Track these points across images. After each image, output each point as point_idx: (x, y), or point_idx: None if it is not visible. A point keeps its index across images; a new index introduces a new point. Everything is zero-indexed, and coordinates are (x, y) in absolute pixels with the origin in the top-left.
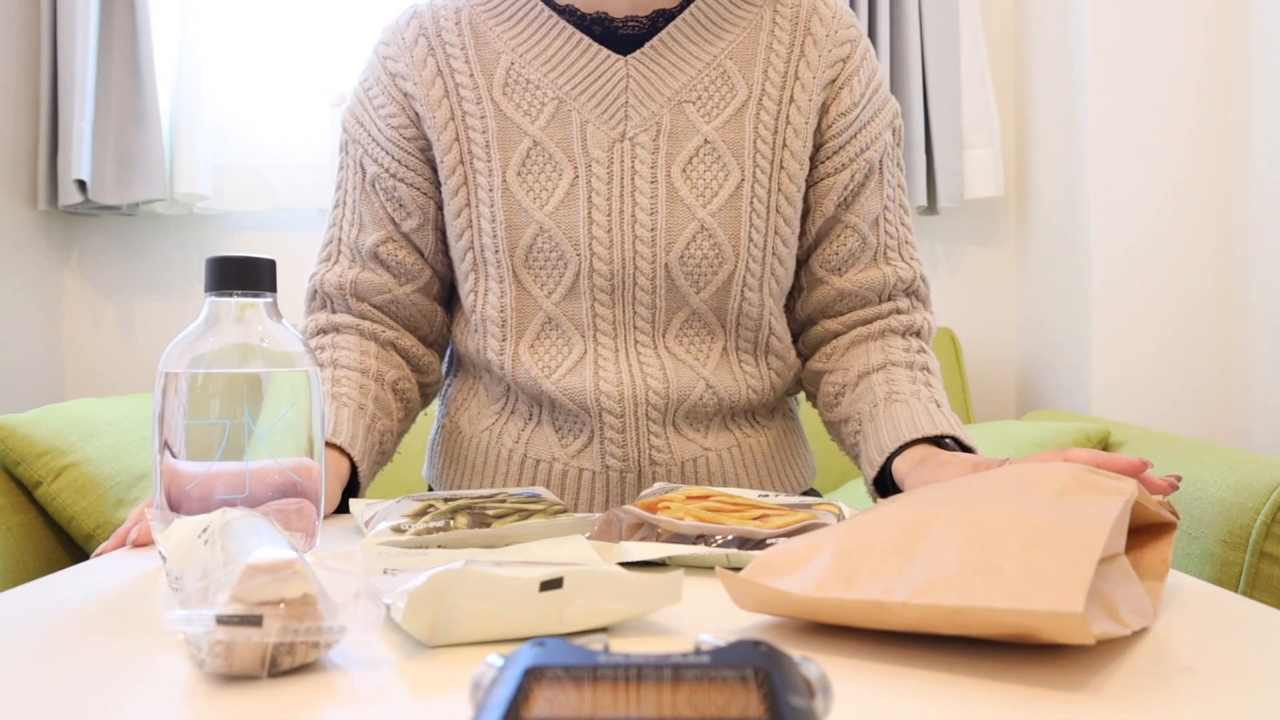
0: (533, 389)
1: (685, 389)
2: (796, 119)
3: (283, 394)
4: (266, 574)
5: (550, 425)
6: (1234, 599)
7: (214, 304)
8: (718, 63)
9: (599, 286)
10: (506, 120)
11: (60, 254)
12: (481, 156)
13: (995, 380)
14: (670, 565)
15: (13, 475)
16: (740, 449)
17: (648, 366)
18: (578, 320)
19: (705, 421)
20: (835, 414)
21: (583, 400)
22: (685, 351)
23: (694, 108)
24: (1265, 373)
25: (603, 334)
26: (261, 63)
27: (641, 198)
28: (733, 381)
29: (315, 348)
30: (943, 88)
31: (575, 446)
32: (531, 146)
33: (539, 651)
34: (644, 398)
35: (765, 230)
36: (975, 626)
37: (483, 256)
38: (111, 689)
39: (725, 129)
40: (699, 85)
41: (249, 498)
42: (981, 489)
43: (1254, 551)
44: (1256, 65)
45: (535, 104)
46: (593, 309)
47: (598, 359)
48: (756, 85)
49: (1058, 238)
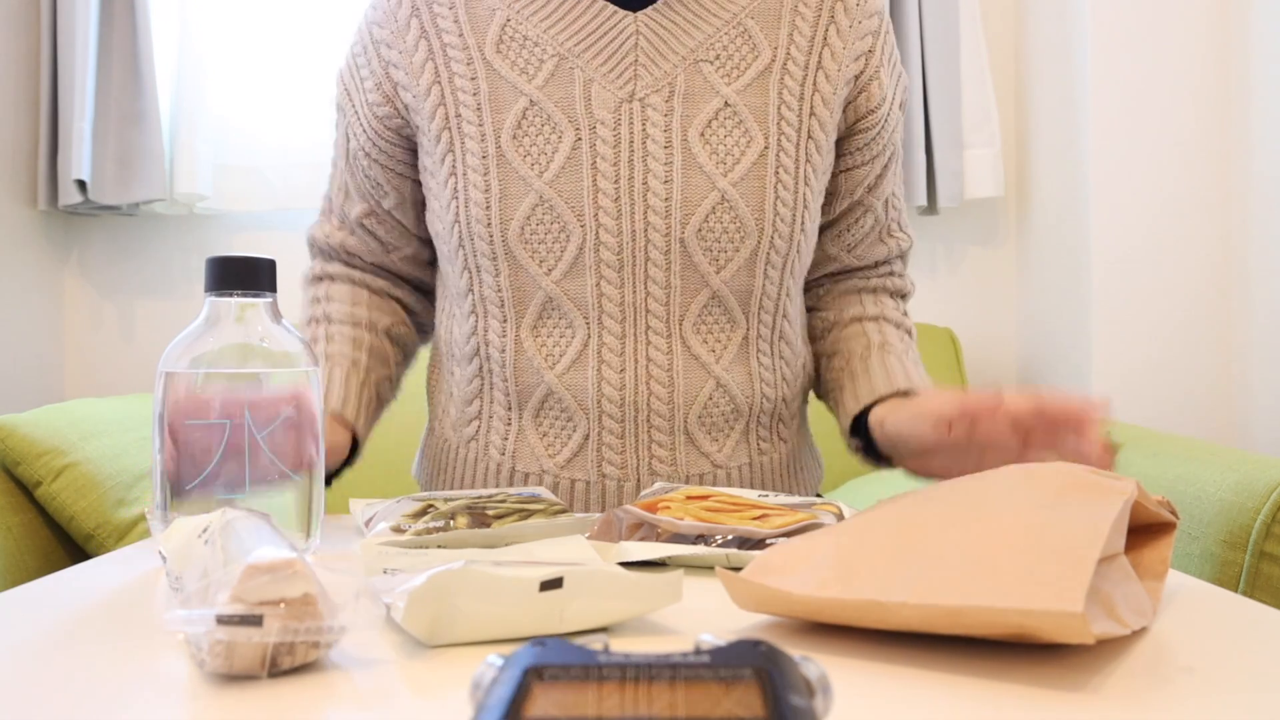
0: (533, 380)
1: (692, 391)
2: (825, 87)
3: (283, 394)
4: (266, 574)
5: (534, 430)
6: (1234, 599)
7: (214, 304)
8: (738, 21)
9: (605, 262)
10: (499, 79)
11: (60, 254)
12: (472, 120)
13: (995, 380)
14: (670, 565)
15: (13, 475)
16: (752, 467)
17: (655, 365)
18: (581, 301)
19: (724, 430)
20: (819, 346)
21: (584, 399)
22: (702, 343)
23: (712, 67)
24: (1265, 373)
25: (609, 316)
26: (261, 63)
27: (655, 164)
28: (746, 378)
29: (312, 298)
30: (943, 88)
31: (565, 454)
32: (528, 106)
33: (539, 651)
34: (645, 402)
35: (793, 204)
36: (975, 626)
37: (469, 230)
38: (111, 689)
39: (747, 92)
40: (717, 44)
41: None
42: (981, 489)
43: (1254, 551)
44: (1256, 65)
45: (533, 61)
46: (599, 288)
47: (601, 349)
48: (781, 48)
49: (1058, 238)
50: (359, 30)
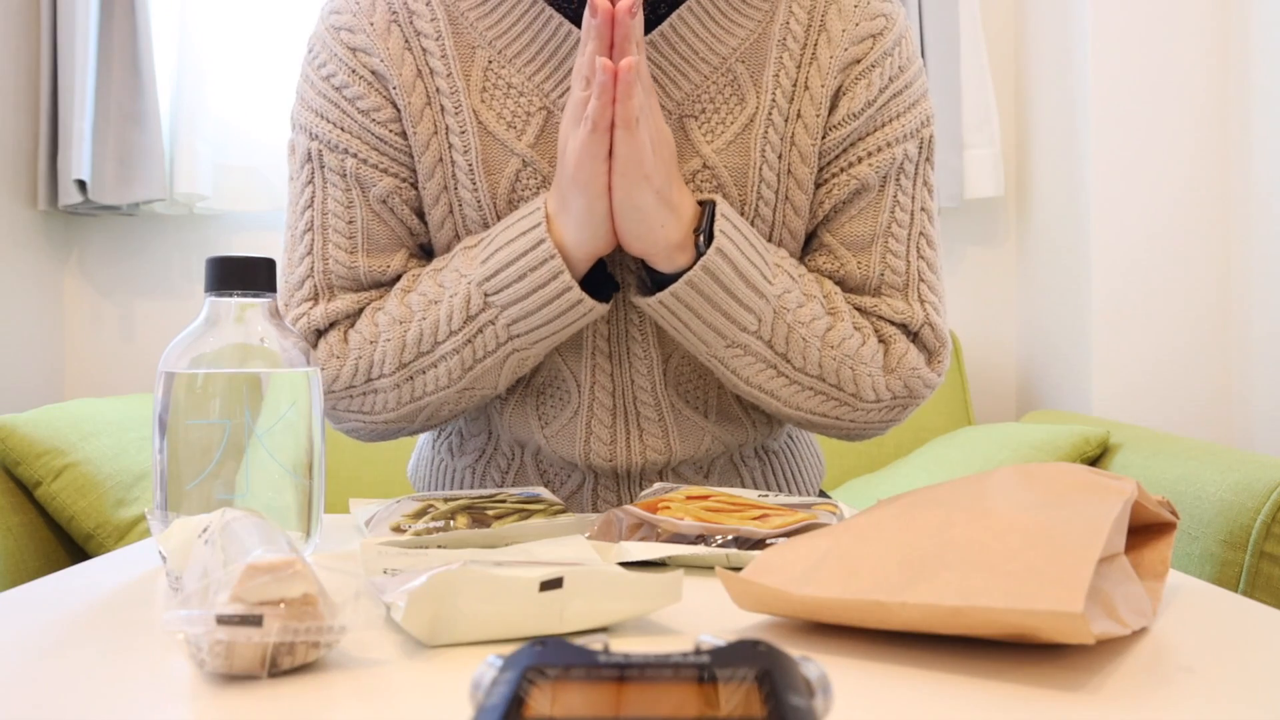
0: (525, 437)
1: (689, 448)
2: (803, 140)
3: (283, 394)
4: (266, 574)
5: (534, 469)
6: (1234, 599)
7: (214, 304)
8: (727, 66)
9: (599, 332)
10: (490, 137)
11: (60, 254)
12: (466, 185)
13: (995, 381)
14: (670, 565)
15: (13, 475)
16: (743, 483)
17: (649, 435)
18: (576, 369)
19: (709, 462)
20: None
21: (573, 459)
22: (686, 404)
23: (696, 123)
24: (1265, 372)
25: (601, 387)
26: (261, 63)
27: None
28: (741, 417)
29: (329, 351)
30: (943, 88)
31: (564, 491)
32: (520, 168)
33: (539, 651)
34: (639, 463)
35: None
36: (975, 626)
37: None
38: (111, 689)
39: (728, 151)
40: (704, 95)
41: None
42: (982, 489)
43: (1254, 551)
44: (1257, 65)
45: (520, 115)
46: (592, 358)
47: (592, 421)
48: (766, 94)
49: (1058, 238)
50: (320, 51)
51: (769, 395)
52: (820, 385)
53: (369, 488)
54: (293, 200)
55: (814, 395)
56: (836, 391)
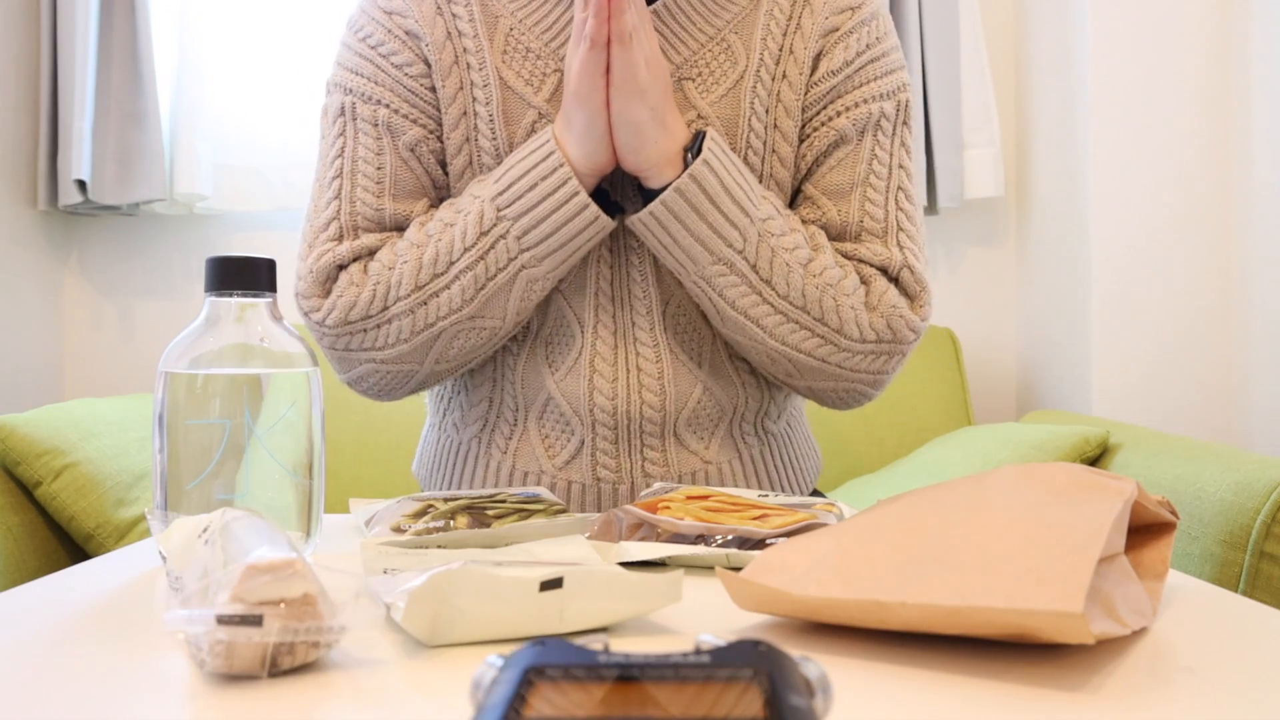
0: (533, 391)
1: (683, 396)
2: (788, 96)
3: (283, 394)
4: (266, 574)
5: (537, 433)
6: (1234, 599)
7: (214, 304)
8: (721, 36)
9: (602, 259)
10: (510, 91)
11: (60, 254)
12: (486, 134)
13: (995, 381)
14: (670, 565)
15: (13, 475)
16: (741, 460)
17: (646, 374)
18: (580, 309)
19: (710, 429)
20: None
21: (578, 406)
22: (682, 348)
23: (693, 84)
24: (1265, 373)
25: (603, 326)
26: (261, 63)
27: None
28: (732, 379)
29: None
30: (943, 88)
31: (563, 456)
32: (536, 119)
33: (539, 651)
34: (639, 411)
35: None
36: (975, 626)
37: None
38: (111, 689)
39: (721, 104)
40: (700, 61)
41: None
42: (982, 489)
43: (1254, 551)
44: (1257, 65)
45: (537, 74)
46: (595, 299)
47: (595, 359)
48: (755, 54)
49: (1058, 238)
50: (360, 19)
51: (754, 324)
52: (804, 318)
53: (369, 488)
54: (322, 155)
55: (798, 330)
56: (820, 326)
